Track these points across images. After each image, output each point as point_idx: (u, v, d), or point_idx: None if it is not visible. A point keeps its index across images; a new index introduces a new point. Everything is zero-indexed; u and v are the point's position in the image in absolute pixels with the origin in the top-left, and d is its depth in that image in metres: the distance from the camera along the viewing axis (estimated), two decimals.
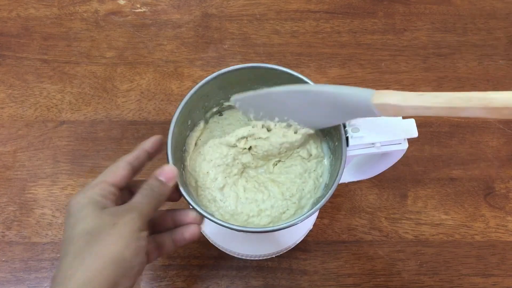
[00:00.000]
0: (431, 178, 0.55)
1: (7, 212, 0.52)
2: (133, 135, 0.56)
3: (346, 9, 0.64)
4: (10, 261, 0.50)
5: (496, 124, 0.57)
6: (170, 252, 0.41)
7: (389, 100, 0.34)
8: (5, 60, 0.59)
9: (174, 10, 0.63)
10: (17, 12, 0.62)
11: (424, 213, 0.53)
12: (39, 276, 0.50)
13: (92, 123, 0.56)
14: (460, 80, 0.59)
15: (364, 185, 0.54)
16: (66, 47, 0.60)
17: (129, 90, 0.58)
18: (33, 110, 0.57)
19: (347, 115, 0.37)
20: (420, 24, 0.63)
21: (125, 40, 0.61)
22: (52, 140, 0.55)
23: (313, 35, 0.62)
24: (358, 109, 0.35)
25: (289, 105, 0.40)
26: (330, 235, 0.52)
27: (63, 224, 0.51)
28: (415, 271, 0.51)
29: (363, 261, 0.51)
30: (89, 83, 0.58)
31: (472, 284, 0.50)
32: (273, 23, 0.62)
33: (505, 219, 0.53)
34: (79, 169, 0.54)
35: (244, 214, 0.41)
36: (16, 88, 0.58)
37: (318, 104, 0.38)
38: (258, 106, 0.42)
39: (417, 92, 0.35)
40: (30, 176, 0.54)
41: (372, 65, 0.60)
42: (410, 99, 0.34)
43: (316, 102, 0.38)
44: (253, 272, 0.50)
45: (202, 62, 0.60)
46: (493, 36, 0.62)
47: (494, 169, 0.55)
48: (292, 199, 0.42)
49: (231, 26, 0.62)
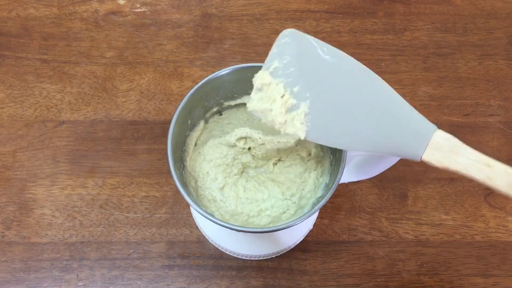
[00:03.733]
0: (431, 178, 0.54)
1: (7, 212, 0.52)
2: (133, 135, 0.56)
3: (346, 9, 0.63)
4: (9, 261, 0.50)
5: (496, 124, 0.57)
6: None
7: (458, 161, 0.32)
8: (5, 60, 0.59)
9: (174, 10, 0.63)
10: (16, 12, 0.62)
11: (424, 213, 0.53)
12: (39, 276, 0.50)
13: (92, 123, 0.56)
14: (460, 80, 0.59)
15: (364, 185, 0.54)
16: (65, 47, 0.60)
17: (129, 90, 0.58)
18: (32, 110, 0.57)
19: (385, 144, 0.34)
20: (420, 24, 0.63)
21: (125, 40, 0.61)
22: (52, 140, 0.55)
23: (313, 35, 0.61)
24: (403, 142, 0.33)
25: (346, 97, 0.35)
26: (330, 235, 0.52)
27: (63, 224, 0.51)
28: (416, 271, 0.51)
29: (363, 261, 0.51)
30: (89, 83, 0.58)
31: (473, 284, 0.50)
32: (273, 23, 0.62)
33: (506, 219, 0.53)
34: (78, 169, 0.54)
35: (244, 214, 0.41)
36: (15, 88, 0.58)
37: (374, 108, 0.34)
38: (311, 80, 0.35)
39: (489, 160, 0.32)
40: (30, 176, 0.54)
41: (372, 65, 0.60)
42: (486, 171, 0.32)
43: (374, 105, 0.34)
44: (253, 272, 0.50)
45: (202, 62, 0.60)
46: (493, 36, 0.62)
47: None
48: (292, 199, 0.42)
49: (231, 26, 0.62)
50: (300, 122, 0.35)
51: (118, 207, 0.52)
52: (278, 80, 0.35)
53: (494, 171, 0.31)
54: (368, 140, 0.34)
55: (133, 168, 0.54)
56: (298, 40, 0.35)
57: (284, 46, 0.35)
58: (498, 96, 0.59)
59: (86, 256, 0.50)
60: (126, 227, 0.52)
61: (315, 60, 0.35)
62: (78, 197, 0.53)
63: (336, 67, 0.35)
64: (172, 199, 0.53)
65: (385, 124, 0.34)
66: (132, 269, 0.50)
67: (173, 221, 0.52)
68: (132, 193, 0.53)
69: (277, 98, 0.36)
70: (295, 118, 0.35)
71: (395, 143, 0.34)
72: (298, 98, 0.35)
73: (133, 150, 0.55)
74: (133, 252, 0.51)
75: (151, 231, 0.51)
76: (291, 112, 0.36)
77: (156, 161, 0.55)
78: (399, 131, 0.34)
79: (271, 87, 0.36)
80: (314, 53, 0.35)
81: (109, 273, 0.50)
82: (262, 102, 0.36)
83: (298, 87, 0.35)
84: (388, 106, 0.34)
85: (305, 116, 0.35)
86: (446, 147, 0.33)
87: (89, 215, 0.52)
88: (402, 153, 0.34)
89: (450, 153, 0.33)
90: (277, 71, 0.35)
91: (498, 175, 0.31)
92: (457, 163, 0.32)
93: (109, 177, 0.54)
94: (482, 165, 0.32)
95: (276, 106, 0.35)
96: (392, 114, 0.34)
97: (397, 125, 0.34)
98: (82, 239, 0.51)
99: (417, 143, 0.33)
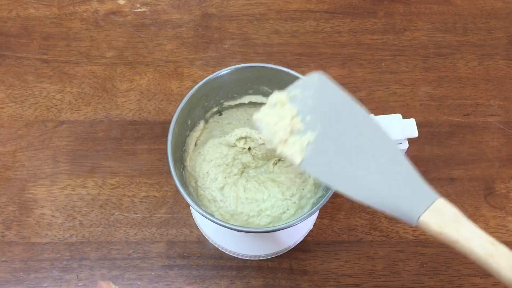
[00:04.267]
0: (431, 178, 0.54)
1: (7, 212, 0.52)
2: (133, 135, 0.56)
3: (346, 9, 0.63)
4: (9, 261, 0.50)
5: (496, 124, 0.57)
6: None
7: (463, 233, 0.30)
8: (5, 60, 0.59)
9: (174, 10, 0.63)
10: (16, 12, 0.62)
11: None
12: (39, 276, 0.50)
13: (92, 123, 0.56)
14: (460, 80, 0.59)
15: None
16: (65, 47, 0.60)
17: (129, 90, 0.58)
18: (32, 110, 0.57)
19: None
20: (420, 24, 0.63)
21: (125, 40, 0.61)
22: (52, 140, 0.55)
23: (313, 35, 0.62)
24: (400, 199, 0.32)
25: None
26: (330, 235, 0.52)
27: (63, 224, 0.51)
28: (416, 271, 0.51)
29: (363, 261, 0.51)
30: (89, 83, 0.58)
31: (473, 284, 0.50)
32: (273, 23, 0.62)
33: (506, 219, 0.53)
34: (78, 169, 0.54)
35: (244, 214, 0.41)
36: (15, 88, 0.58)
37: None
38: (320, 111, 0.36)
39: (493, 239, 0.30)
40: (30, 176, 0.54)
41: (372, 65, 0.60)
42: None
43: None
44: (253, 272, 0.50)
45: (202, 62, 0.60)
46: (493, 36, 0.62)
47: (494, 169, 0.55)
48: (292, 199, 0.42)
49: (231, 26, 0.62)
50: (301, 148, 0.35)
51: (118, 207, 0.52)
52: (294, 104, 0.36)
53: (498, 250, 0.29)
54: (365, 189, 0.33)
55: (133, 168, 0.54)
56: (325, 81, 0.36)
57: (311, 81, 0.36)
58: (498, 96, 0.59)
59: (86, 256, 0.50)
60: (126, 227, 0.52)
61: (334, 102, 0.36)
62: (78, 197, 0.53)
63: (352, 116, 0.36)
64: (172, 199, 0.53)
65: (386, 179, 0.33)
66: (132, 269, 0.50)
67: (173, 221, 0.52)
68: (132, 193, 0.53)
69: (287, 117, 0.35)
70: (297, 142, 0.35)
71: (393, 199, 0.32)
72: (307, 126, 0.35)
73: (133, 150, 0.55)
74: (133, 252, 0.51)
75: (151, 231, 0.51)
76: (295, 135, 0.35)
77: (156, 161, 0.55)
78: (399, 189, 0.33)
79: (285, 107, 0.36)
80: (336, 97, 0.36)
81: (109, 273, 0.50)
82: (271, 116, 0.36)
83: (311, 117, 0.35)
84: (393, 163, 0.34)
85: (308, 144, 0.35)
86: (448, 215, 0.31)
87: (89, 215, 0.52)
88: (398, 210, 0.32)
89: (452, 222, 0.31)
90: (296, 99, 0.36)
91: (501, 255, 0.29)
92: (458, 232, 0.30)
93: (109, 177, 0.54)
94: (485, 242, 0.29)
95: (283, 123, 0.35)
96: (396, 171, 0.33)
97: (399, 183, 0.33)
98: (82, 239, 0.51)
99: (417, 204, 0.32)
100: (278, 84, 0.42)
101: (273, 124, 0.35)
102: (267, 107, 0.36)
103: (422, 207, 0.31)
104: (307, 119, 0.35)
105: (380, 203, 0.33)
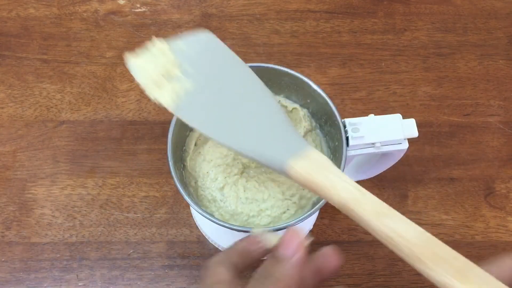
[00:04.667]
0: (431, 178, 0.54)
1: (7, 212, 0.52)
2: (133, 135, 0.56)
3: (346, 9, 0.63)
4: (9, 261, 0.50)
5: (496, 124, 0.57)
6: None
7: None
8: (5, 60, 0.59)
9: (174, 10, 0.63)
10: (16, 12, 0.62)
11: (424, 213, 0.53)
12: (39, 276, 0.50)
13: (92, 123, 0.56)
14: (460, 80, 0.59)
15: (364, 185, 0.53)
16: (65, 47, 0.60)
17: (129, 90, 0.58)
18: (32, 110, 0.57)
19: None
20: (420, 24, 0.63)
21: (125, 40, 0.61)
22: (52, 140, 0.55)
23: (313, 35, 0.62)
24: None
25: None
26: (330, 235, 0.52)
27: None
28: (416, 271, 0.51)
29: (363, 261, 0.51)
30: (89, 83, 0.58)
31: None
32: (273, 23, 0.62)
33: (506, 219, 0.53)
34: (78, 169, 0.54)
35: (244, 214, 0.41)
36: (15, 88, 0.58)
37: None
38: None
39: (361, 187, 0.29)
40: (30, 176, 0.54)
41: (372, 65, 0.60)
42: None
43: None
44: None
45: None
46: (493, 36, 0.62)
47: (494, 169, 0.55)
48: (293, 198, 0.42)
49: (231, 26, 0.62)
50: (177, 95, 0.34)
51: (118, 207, 0.52)
52: (176, 55, 0.36)
53: (365, 196, 0.29)
54: (237, 137, 0.34)
55: (133, 168, 0.54)
56: (212, 39, 0.37)
57: (198, 38, 0.37)
58: (498, 96, 0.59)
59: (86, 256, 0.50)
60: (126, 227, 0.52)
61: (219, 58, 0.36)
62: (78, 197, 0.53)
63: (234, 71, 0.36)
64: (172, 199, 0.53)
65: (260, 129, 0.34)
66: (132, 269, 0.50)
67: (173, 221, 0.52)
68: (132, 193, 0.53)
69: (165, 64, 0.35)
70: (173, 89, 0.34)
71: (265, 147, 0.33)
72: (187, 76, 0.35)
73: (133, 150, 0.55)
74: (133, 252, 0.51)
75: (151, 231, 0.51)
76: (172, 82, 0.35)
77: (156, 161, 0.55)
78: (272, 138, 0.33)
79: (165, 54, 0.35)
80: (222, 53, 0.37)
81: (109, 273, 0.50)
82: (147, 62, 0.35)
83: (193, 70, 0.35)
84: (270, 116, 0.34)
85: (186, 93, 0.34)
86: (318, 163, 0.31)
87: (89, 215, 0.52)
88: (269, 156, 0.32)
89: (322, 169, 0.30)
90: (178, 51, 0.36)
91: (367, 201, 0.29)
92: (327, 178, 0.30)
93: (109, 177, 0.54)
94: (353, 188, 0.29)
95: (159, 69, 0.34)
96: (271, 123, 0.34)
97: (273, 133, 0.33)
98: (82, 239, 0.51)
99: (287, 150, 0.32)
100: (278, 84, 0.42)
101: (149, 70, 0.35)
102: (146, 53, 0.36)
103: (291, 153, 0.31)
104: (188, 70, 0.35)
105: (252, 150, 0.33)
